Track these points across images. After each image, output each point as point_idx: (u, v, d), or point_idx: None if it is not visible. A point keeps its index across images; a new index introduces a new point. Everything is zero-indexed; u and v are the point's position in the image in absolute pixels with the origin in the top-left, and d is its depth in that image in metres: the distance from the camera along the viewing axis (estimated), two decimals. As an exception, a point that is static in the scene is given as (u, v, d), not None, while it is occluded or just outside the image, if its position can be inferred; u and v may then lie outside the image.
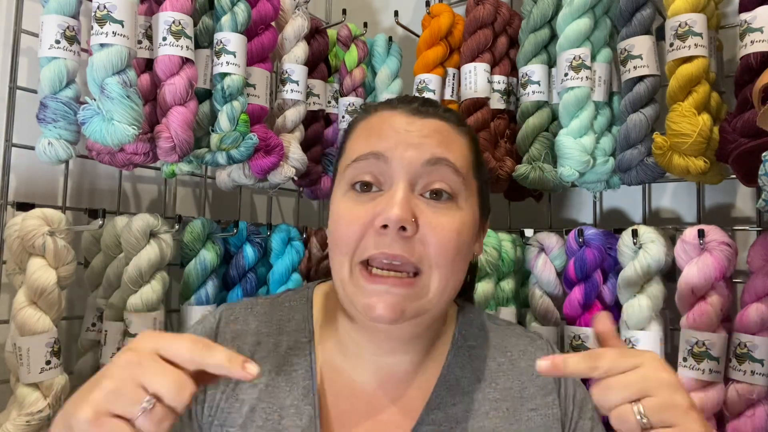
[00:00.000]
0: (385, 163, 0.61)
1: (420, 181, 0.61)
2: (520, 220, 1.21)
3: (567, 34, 0.97)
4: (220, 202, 1.25)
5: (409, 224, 0.58)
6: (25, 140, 0.89)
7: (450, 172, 0.62)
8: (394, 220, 0.57)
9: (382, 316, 0.59)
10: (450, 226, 0.60)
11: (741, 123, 0.80)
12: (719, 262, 0.82)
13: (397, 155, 0.61)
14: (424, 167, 0.61)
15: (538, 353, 0.71)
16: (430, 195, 0.61)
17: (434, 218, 0.60)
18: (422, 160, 0.61)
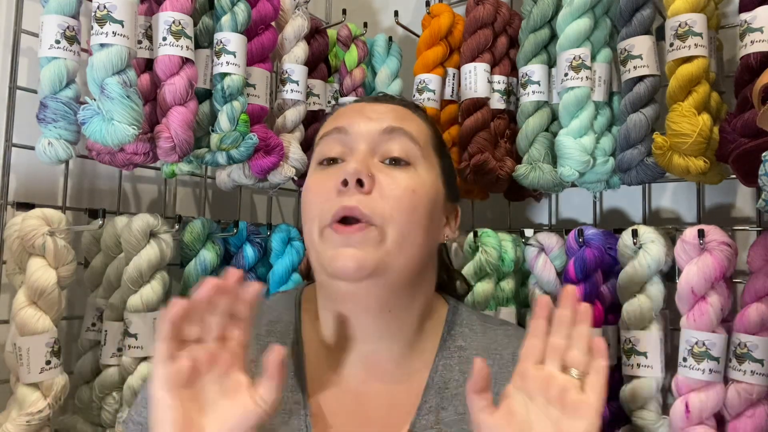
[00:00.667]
0: (346, 134, 0.67)
1: (378, 149, 0.66)
2: (520, 220, 1.21)
3: (567, 34, 0.97)
4: (220, 202, 1.25)
5: (366, 177, 0.62)
6: (25, 140, 0.89)
7: (407, 140, 0.67)
8: (350, 173, 0.62)
9: (344, 266, 0.61)
10: (405, 183, 0.64)
11: (741, 123, 0.80)
12: (719, 262, 0.82)
13: (355, 127, 0.67)
14: (381, 136, 0.66)
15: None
16: (390, 161, 0.66)
17: (390, 174, 0.65)
18: (379, 130, 0.67)
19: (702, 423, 0.82)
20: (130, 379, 0.88)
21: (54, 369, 0.79)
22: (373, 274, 0.62)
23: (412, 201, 0.64)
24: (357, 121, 0.68)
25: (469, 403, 0.57)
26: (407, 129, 0.68)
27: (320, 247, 0.64)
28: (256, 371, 0.67)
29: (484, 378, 0.57)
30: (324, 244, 0.64)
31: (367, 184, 0.62)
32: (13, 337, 0.78)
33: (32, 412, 0.77)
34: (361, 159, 0.64)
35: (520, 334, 0.73)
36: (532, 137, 1.03)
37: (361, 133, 0.67)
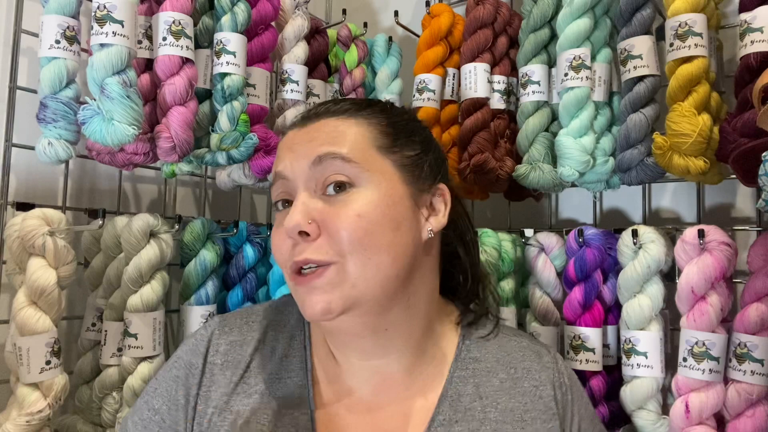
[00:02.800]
0: (287, 180, 0.65)
1: (316, 182, 0.63)
2: (520, 220, 1.21)
3: (567, 34, 0.97)
4: (220, 202, 1.25)
5: (306, 227, 0.60)
6: (25, 140, 0.89)
7: (338, 162, 0.62)
8: (290, 228, 0.60)
9: (314, 314, 0.60)
10: (348, 213, 0.61)
11: (741, 123, 0.80)
12: (719, 262, 0.82)
13: (289, 170, 0.65)
14: (313, 169, 0.63)
15: (543, 373, 0.70)
16: (333, 189, 0.62)
17: (331, 211, 0.61)
18: (308, 164, 0.63)
19: (702, 423, 0.82)
20: (130, 379, 0.88)
21: (54, 369, 0.79)
22: (344, 311, 0.60)
23: (360, 226, 0.60)
24: (289, 162, 0.65)
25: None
26: (337, 150, 0.63)
27: (293, 291, 0.64)
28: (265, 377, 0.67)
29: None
30: (295, 292, 0.63)
31: (311, 233, 0.60)
32: (13, 337, 0.78)
33: (32, 412, 0.76)
34: (298, 209, 0.61)
35: (534, 348, 0.72)
36: (532, 137, 1.03)
37: (296, 175, 0.64)
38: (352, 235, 0.60)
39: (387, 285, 0.62)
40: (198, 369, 0.68)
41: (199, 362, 0.68)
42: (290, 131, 0.69)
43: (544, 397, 0.68)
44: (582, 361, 0.93)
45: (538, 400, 0.67)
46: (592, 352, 0.93)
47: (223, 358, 0.68)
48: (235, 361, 0.68)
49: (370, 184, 0.63)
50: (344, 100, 0.71)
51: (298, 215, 0.60)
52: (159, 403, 0.67)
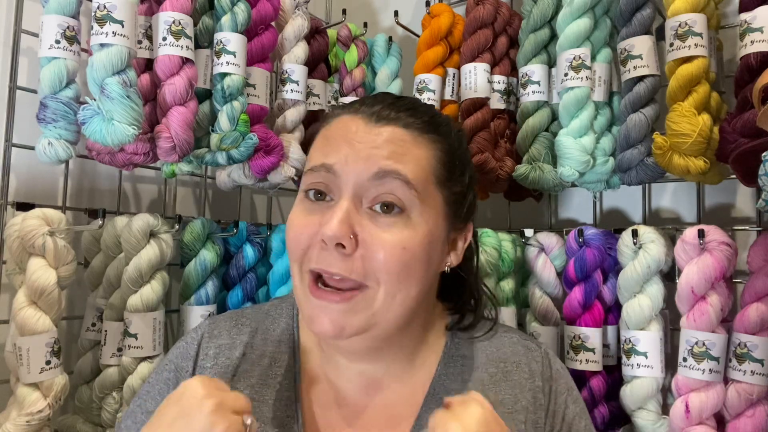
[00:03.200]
0: (334, 175, 0.60)
1: (367, 195, 0.59)
2: (520, 220, 1.21)
3: (567, 34, 0.97)
4: (220, 202, 1.25)
5: (346, 241, 0.57)
6: (25, 140, 0.89)
7: (399, 185, 0.59)
8: (329, 237, 0.57)
9: (322, 332, 0.59)
10: (393, 242, 0.58)
11: (741, 123, 0.80)
12: (719, 262, 0.82)
13: (345, 169, 0.60)
14: (371, 181, 0.59)
15: (532, 365, 0.70)
16: (381, 208, 0.59)
17: (376, 234, 0.58)
18: (369, 174, 0.59)
19: (702, 423, 0.82)
20: (130, 379, 0.88)
21: (54, 369, 0.79)
22: (354, 335, 0.59)
23: (402, 259, 0.58)
24: (345, 159, 0.60)
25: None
26: (403, 171, 0.59)
27: (301, 296, 0.61)
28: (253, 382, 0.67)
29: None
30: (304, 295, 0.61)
31: (348, 247, 0.57)
32: (13, 337, 0.78)
33: (32, 412, 0.76)
34: (341, 217, 0.57)
35: (524, 343, 0.73)
36: (532, 137, 1.03)
37: (349, 179, 0.59)
38: (391, 266, 0.58)
39: (403, 316, 0.62)
40: (188, 373, 0.68)
41: (189, 366, 0.68)
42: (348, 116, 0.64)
43: (532, 389, 0.68)
44: (582, 361, 0.93)
45: (527, 392, 0.68)
46: (592, 352, 0.93)
47: (212, 361, 0.68)
48: (224, 365, 0.68)
49: (420, 217, 0.60)
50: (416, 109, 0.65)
51: (340, 224, 0.57)
52: (152, 405, 0.67)
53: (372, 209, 0.59)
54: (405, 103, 0.65)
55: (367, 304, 0.59)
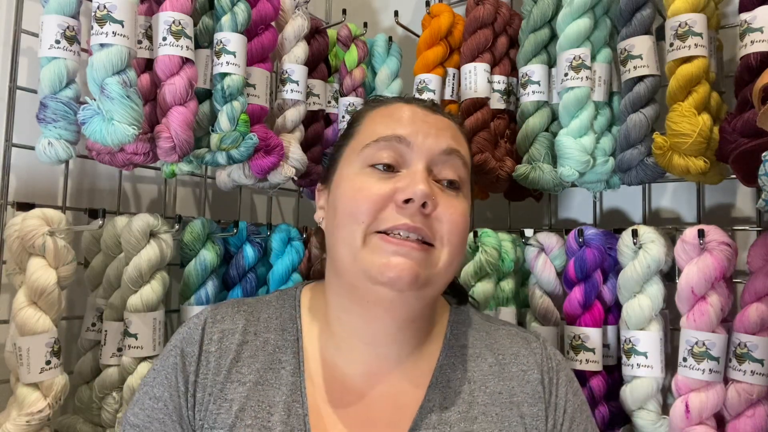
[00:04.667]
0: (407, 146, 0.66)
1: (435, 168, 0.67)
2: (520, 220, 1.21)
3: (567, 34, 0.97)
4: (220, 202, 1.25)
5: (431, 201, 0.63)
6: (25, 140, 0.89)
7: (461, 164, 0.68)
8: (419, 195, 0.62)
9: (399, 276, 0.61)
10: (461, 210, 0.66)
11: (741, 123, 0.80)
12: (719, 262, 0.82)
13: (419, 140, 0.66)
14: (441, 156, 0.67)
15: (530, 357, 0.71)
16: (445, 183, 0.67)
17: (449, 200, 0.66)
18: (440, 149, 0.67)
19: (702, 423, 0.82)
20: (130, 379, 0.88)
21: (54, 369, 0.79)
22: (421, 287, 0.63)
23: (463, 225, 0.66)
24: (419, 134, 0.67)
25: None
26: (463, 153, 0.69)
27: (364, 252, 0.63)
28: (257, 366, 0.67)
29: None
30: (370, 250, 0.63)
31: (430, 207, 0.63)
32: (13, 337, 0.78)
33: (32, 412, 0.76)
34: (426, 180, 0.64)
35: (522, 335, 0.74)
36: (532, 137, 1.03)
37: (423, 150, 0.66)
38: (458, 230, 0.65)
39: (450, 279, 0.68)
40: (194, 357, 0.68)
41: (195, 350, 0.68)
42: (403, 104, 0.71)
43: (531, 381, 0.69)
44: (582, 361, 0.93)
45: (525, 384, 0.69)
46: (592, 352, 0.93)
47: (216, 345, 0.69)
48: (228, 349, 0.68)
49: (466, 194, 0.70)
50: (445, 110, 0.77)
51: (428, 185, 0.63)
52: (160, 391, 0.67)
53: (438, 182, 0.67)
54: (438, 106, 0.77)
55: (434, 261, 0.64)
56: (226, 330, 0.70)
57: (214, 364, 0.67)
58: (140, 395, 0.68)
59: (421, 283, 0.62)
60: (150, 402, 0.66)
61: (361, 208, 0.63)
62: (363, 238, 0.63)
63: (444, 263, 0.64)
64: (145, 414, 0.66)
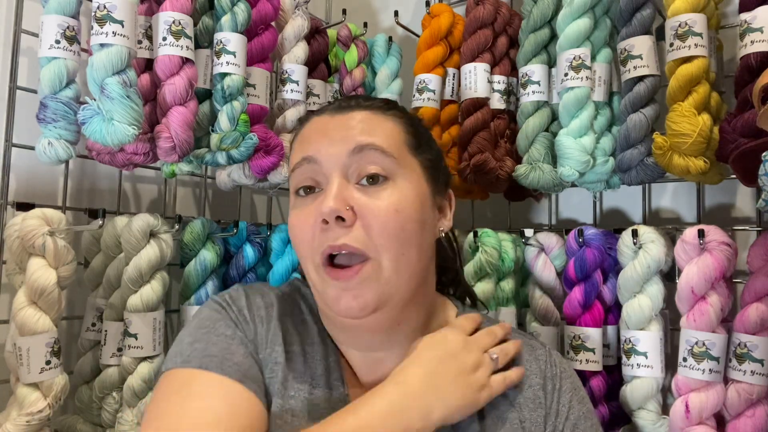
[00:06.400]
0: (317, 164, 0.64)
1: (351, 171, 0.63)
2: (520, 220, 1.21)
3: (567, 34, 0.97)
4: (220, 202, 1.25)
5: (344, 213, 0.60)
6: (25, 140, 0.89)
7: (378, 155, 0.63)
8: (327, 213, 0.60)
9: (348, 311, 0.61)
10: (387, 206, 0.62)
11: (741, 123, 0.80)
12: (719, 262, 0.82)
13: (323, 154, 0.64)
14: (351, 157, 0.63)
15: (534, 364, 0.70)
16: (367, 181, 0.63)
17: (369, 202, 0.62)
18: (347, 151, 0.63)
19: (702, 423, 0.82)
20: (130, 379, 0.88)
21: (54, 369, 0.79)
22: (377, 309, 0.62)
23: (398, 221, 0.62)
24: (322, 146, 0.64)
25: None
26: (377, 143, 0.64)
27: (320, 286, 0.63)
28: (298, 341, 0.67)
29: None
30: (323, 283, 0.63)
31: (348, 219, 0.60)
32: (13, 337, 0.78)
33: (32, 412, 0.76)
34: (335, 193, 0.61)
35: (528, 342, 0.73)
36: (532, 137, 1.03)
37: (330, 160, 0.63)
38: (390, 230, 0.61)
39: (413, 281, 0.64)
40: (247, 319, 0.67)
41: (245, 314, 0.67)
42: (317, 117, 0.69)
43: (533, 385, 0.69)
44: (582, 361, 0.93)
45: (527, 389, 0.69)
46: (592, 352, 0.93)
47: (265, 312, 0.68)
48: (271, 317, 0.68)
49: (404, 181, 0.64)
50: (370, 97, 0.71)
51: (335, 199, 0.60)
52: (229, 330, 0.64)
53: (359, 184, 0.63)
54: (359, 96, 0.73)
55: (375, 274, 0.61)
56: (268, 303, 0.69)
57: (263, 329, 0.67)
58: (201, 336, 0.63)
59: (374, 306, 0.61)
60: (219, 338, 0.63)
61: (297, 242, 0.65)
62: (315, 269, 0.63)
63: (389, 271, 0.61)
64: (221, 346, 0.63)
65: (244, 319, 0.67)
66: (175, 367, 0.61)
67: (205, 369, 0.60)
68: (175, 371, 0.61)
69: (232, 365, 0.61)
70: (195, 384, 0.59)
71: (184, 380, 0.60)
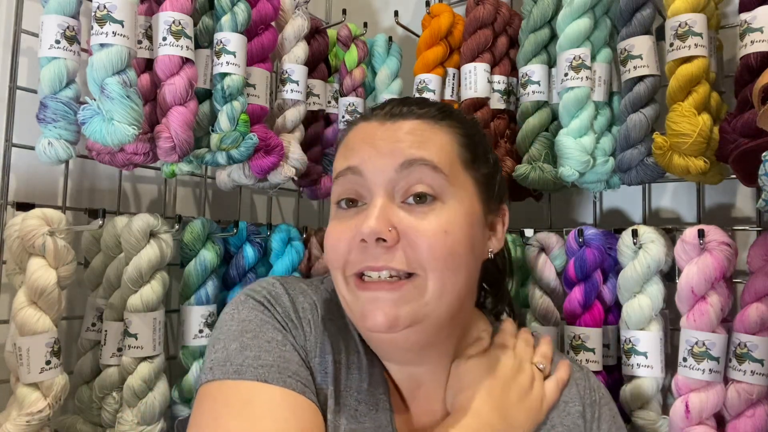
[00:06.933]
0: (361, 176, 0.60)
1: (398, 189, 0.60)
2: (520, 220, 1.21)
3: (567, 34, 0.96)
4: (220, 202, 1.25)
5: (386, 235, 0.57)
6: (25, 140, 0.89)
7: (427, 171, 0.59)
8: (367, 234, 0.56)
9: (376, 325, 0.57)
10: (435, 229, 0.58)
11: (741, 123, 0.80)
12: (719, 262, 0.82)
13: (369, 166, 0.60)
14: (399, 172, 0.59)
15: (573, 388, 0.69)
16: (414, 199, 0.59)
17: (415, 224, 0.58)
18: (395, 166, 0.59)
19: (702, 423, 0.82)
20: (130, 379, 0.88)
21: (54, 369, 0.79)
22: (413, 323, 0.58)
23: (446, 244, 0.58)
24: (369, 159, 0.60)
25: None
26: (428, 157, 0.59)
27: (349, 297, 0.61)
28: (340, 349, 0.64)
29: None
30: (352, 295, 0.60)
31: (389, 240, 0.57)
32: (13, 337, 0.78)
33: (32, 412, 0.76)
34: (378, 213, 0.57)
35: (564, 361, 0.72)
36: (532, 137, 1.03)
37: (376, 174, 0.59)
38: (437, 252, 0.57)
39: (454, 304, 0.61)
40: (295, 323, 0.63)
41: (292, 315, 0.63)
42: (364, 123, 0.65)
43: (572, 413, 0.67)
44: (582, 361, 0.93)
45: (566, 416, 0.67)
46: (592, 352, 0.93)
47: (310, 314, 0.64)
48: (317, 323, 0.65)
49: (454, 200, 0.60)
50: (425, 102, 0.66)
51: (378, 220, 0.57)
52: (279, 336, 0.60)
53: (405, 203, 0.59)
54: (413, 100, 0.67)
55: (418, 292, 0.58)
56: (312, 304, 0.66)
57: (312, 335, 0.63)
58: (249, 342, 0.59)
59: (409, 321, 0.57)
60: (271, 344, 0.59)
61: (331, 254, 0.61)
62: (344, 281, 0.61)
63: (434, 290, 0.58)
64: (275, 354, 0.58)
65: (292, 321, 0.63)
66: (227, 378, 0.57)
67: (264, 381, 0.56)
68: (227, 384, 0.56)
69: (292, 375, 0.58)
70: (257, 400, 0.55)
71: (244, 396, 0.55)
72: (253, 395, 0.55)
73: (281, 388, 0.56)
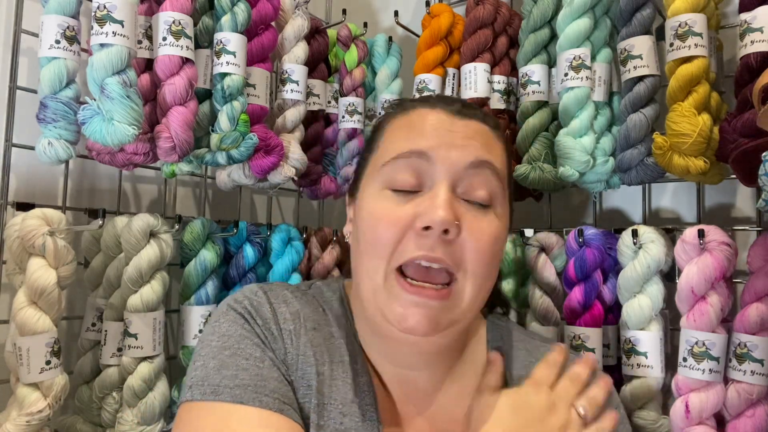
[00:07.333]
0: (428, 162, 0.59)
1: (462, 184, 0.59)
2: (520, 220, 1.21)
3: (567, 34, 0.97)
4: (220, 202, 1.25)
5: (453, 227, 0.56)
6: (25, 140, 0.89)
7: (492, 176, 0.60)
8: (438, 222, 0.55)
9: (416, 329, 0.56)
10: (489, 232, 0.58)
11: (741, 123, 0.80)
12: (719, 262, 0.82)
13: (441, 155, 0.58)
14: (467, 170, 0.59)
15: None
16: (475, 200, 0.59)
17: (475, 223, 0.58)
18: (466, 162, 0.59)
19: (702, 423, 0.82)
20: (130, 379, 0.88)
21: (54, 369, 0.79)
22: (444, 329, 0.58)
23: (493, 250, 0.59)
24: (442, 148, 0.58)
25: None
26: (495, 163, 0.60)
27: (384, 294, 0.58)
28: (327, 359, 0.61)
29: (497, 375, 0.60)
30: (389, 291, 0.58)
31: (452, 233, 0.56)
32: (13, 337, 0.78)
33: (32, 412, 0.76)
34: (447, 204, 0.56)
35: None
36: (532, 137, 1.03)
37: (446, 165, 0.58)
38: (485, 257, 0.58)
39: (477, 310, 0.62)
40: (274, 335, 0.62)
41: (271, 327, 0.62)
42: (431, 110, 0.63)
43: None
44: (582, 361, 0.93)
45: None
46: (592, 352, 0.93)
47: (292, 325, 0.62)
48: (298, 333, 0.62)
49: (500, 210, 0.61)
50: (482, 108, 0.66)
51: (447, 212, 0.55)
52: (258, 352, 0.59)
53: (465, 200, 0.59)
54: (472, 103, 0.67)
55: (459, 298, 0.58)
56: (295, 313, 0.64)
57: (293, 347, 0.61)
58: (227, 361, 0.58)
59: (443, 327, 0.58)
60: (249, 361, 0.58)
61: (381, 239, 0.58)
62: (384, 275, 0.58)
63: (469, 298, 0.58)
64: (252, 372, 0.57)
65: (271, 334, 0.62)
66: (204, 399, 0.56)
67: (240, 403, 0.55)
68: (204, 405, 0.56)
69: (269, 393, 0.56)
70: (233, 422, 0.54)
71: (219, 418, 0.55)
72: (229, 417, 0.55)
73: (257, 408, 0.55)
